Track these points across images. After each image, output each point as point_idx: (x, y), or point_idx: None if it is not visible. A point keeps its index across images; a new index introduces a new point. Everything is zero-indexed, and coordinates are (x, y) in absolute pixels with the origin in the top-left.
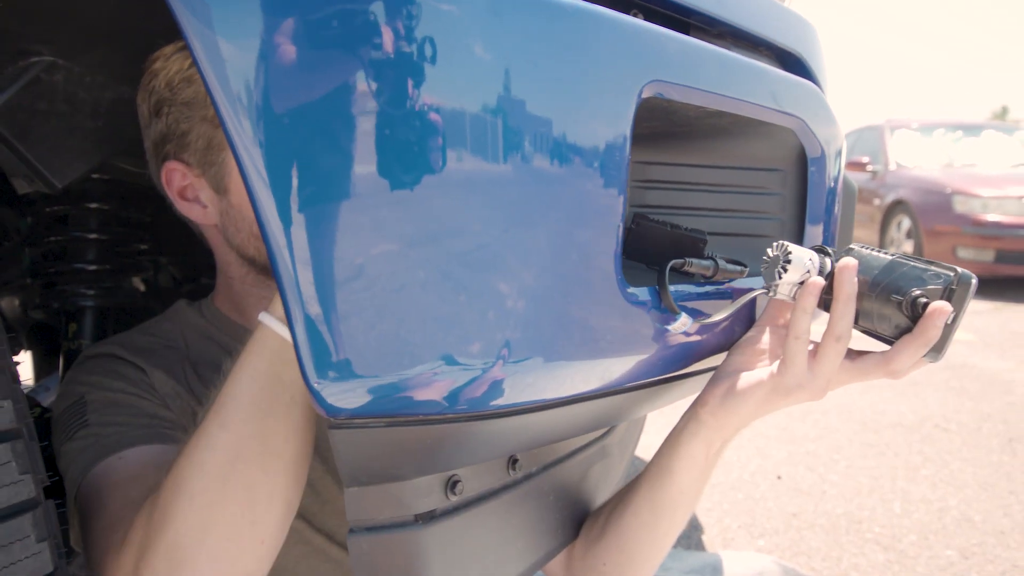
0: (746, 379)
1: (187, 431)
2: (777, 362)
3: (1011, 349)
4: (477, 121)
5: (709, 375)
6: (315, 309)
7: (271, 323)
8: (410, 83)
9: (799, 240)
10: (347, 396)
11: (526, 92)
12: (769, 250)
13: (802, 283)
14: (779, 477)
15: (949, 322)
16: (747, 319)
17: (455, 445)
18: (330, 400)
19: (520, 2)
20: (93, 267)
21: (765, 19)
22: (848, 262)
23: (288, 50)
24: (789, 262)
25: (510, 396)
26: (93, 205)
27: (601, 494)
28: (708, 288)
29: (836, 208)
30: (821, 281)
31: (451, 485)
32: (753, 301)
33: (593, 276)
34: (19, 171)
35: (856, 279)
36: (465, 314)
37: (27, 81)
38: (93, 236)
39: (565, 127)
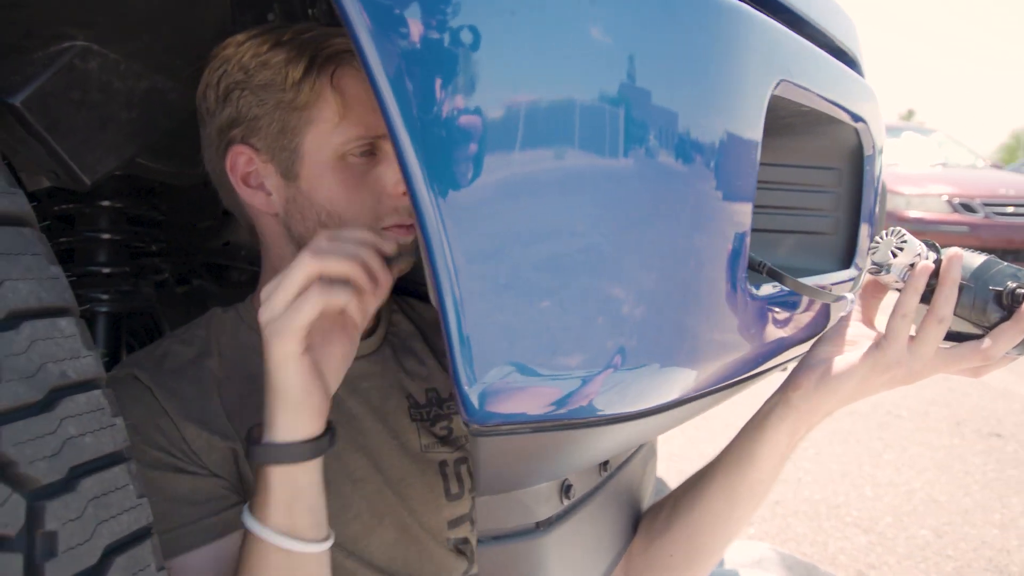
0: (843, 360)
1: (226, 479)
2: (873, 343)
3: None
4: (634, 122)
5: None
6: (472, 319)
7: (268, 536)
8: (579, 84)
9: (855, 236)
10: (498, 403)
11: (677, 91)
12: (883, 233)
13: (911, 266)
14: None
15: None
16: (827, 314)
17: (590, 448)
18: (482, 407)
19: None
20: (107, 270)
21: (835, 19)
22: (956, 251)
23: (450, 53)
24: (903, 245)
25: (651, 398)
26: (105, 203)
27: (647, 492)
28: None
29: (878, 207)
30: (931, 265)
31: (566, 489)
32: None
33: (726, 277)
34: (46, 165)
35: (960, 269)
36: (614, 321)
37: (60, 67)
38: (107, 236)
39: (709, 127)
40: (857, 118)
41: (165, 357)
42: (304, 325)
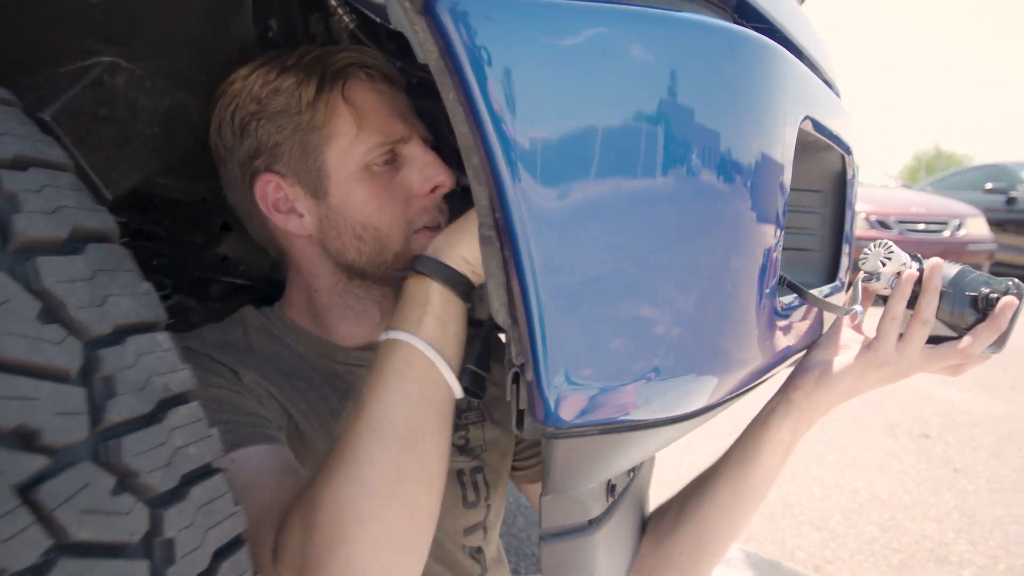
0: (839, 361)
1: (282, 430)
2: (865, 344)
3: None
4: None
5: None
6: (552, 335)
7: (420, 345)
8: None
9: (839, 253)
10: (571, 408)
11: (734, 125)
12: (871, 245)
13: (898, 275)
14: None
15: (1013, 320)
16: (821, 322)
17: (643, 447)
18: (557, 411)
19: (740, 40)
20: None
21: (824, 54)
22: (938, 261)
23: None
24: (891, 255)
25: (697, 402)
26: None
27: (647, 493)
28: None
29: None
30: (916, 273)
31: (611, 489)
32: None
33: (761, 291)
34: None
35: (940, 276)
36: (673, 335)
37: (88, 83)
38: None
39: (755, 156)
40: (844, 147)
41: (211, 340)
42: None
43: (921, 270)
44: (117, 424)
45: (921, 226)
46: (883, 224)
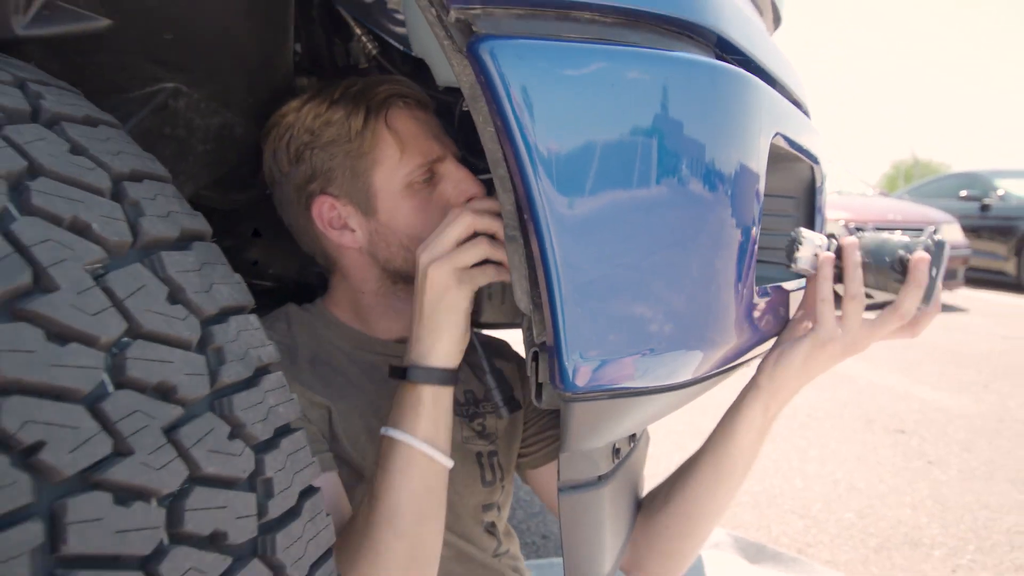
0: (791, 343)
1: (319, 429)
2: (815, 325)
3: None
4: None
5: None
6: (570, 311)
7: (417, 444)
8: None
9: None
10: (587, 375)
11: (720, 143)
12: (789, 235)
13: (817, 256)
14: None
15: (933, 274)
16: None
17: (649, 411)
18: (574, 379)
19: (720, 72)
20: None
21: (794, 78)
22: (850, 239)
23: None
24: (801, 242)
25: (689, 373)
26: None
27: (643, 477)
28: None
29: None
30: (831, 255)
31: (616, 451)
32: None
33: (747, 279)
34: None
35: (858, 252)
36: (674, 312)
37: (155, 106)
38: None
39: (737, 168)
40: (813, 158)
41: None
42: (466, 265)
43: (839, 248)
44: (228, 385)
45: (898, 232)
46: (861, 231)
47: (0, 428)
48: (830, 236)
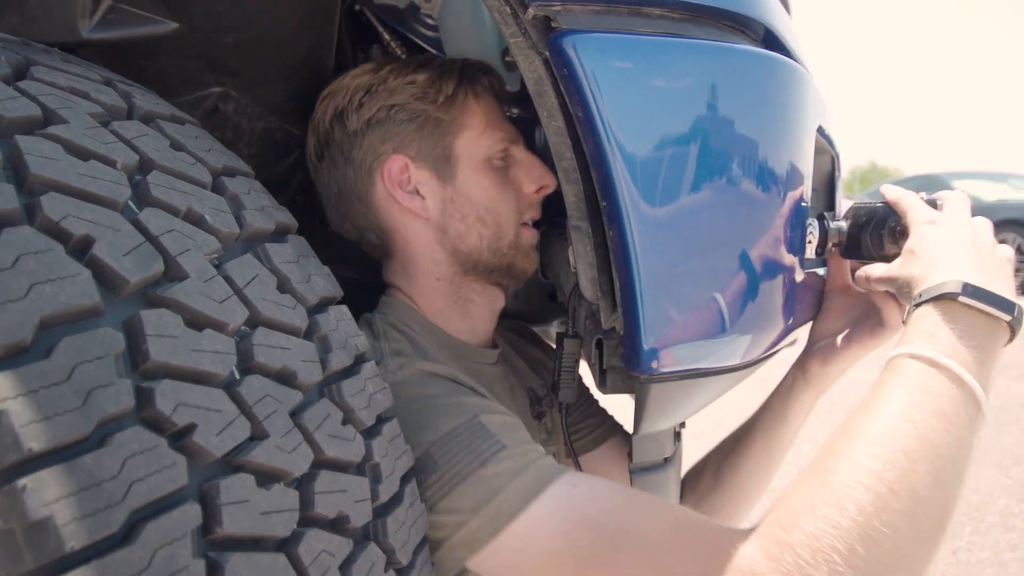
0: (839, 341)
1: None
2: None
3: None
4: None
5: None
6: (649, 301)
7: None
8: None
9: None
10: (662, 358)
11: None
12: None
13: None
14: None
15: None
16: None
17: (711, 391)
18: (651, 362)
19: (786, 67)
20: None
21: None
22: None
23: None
24: (831, 229)
25: (748, 355)
26: None
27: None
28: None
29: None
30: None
31: (677, 435)
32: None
33: (799, 264)
34: None
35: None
36: (733, 302)
37: (207, 110)
38: None
39: (799, 161)
40: (835, 149)
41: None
42: None
43: (825, 230)
44: (337, 372)
45: None
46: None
47: (156, 411)
48: (819, 217)
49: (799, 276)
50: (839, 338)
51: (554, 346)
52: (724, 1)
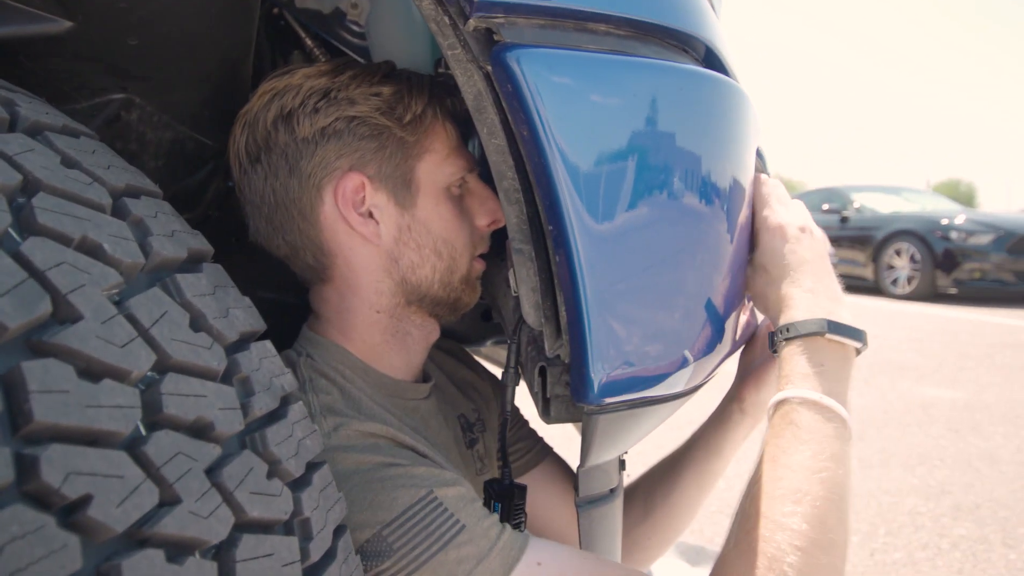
0: (767, 366)
1: None
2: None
3: None
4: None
5: None
6: (600, 321)
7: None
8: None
9: None
10: (612, 387)
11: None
12: None
13: None
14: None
15: None
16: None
17: (655, 419)
18: (599, 393)
19: (729, 87)
20: None
21: None
22: None
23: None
24: None
25: (692, 381)
26: None
27: None
28: None
29: None
30: None
31: (622, 464)
32: None
33: (742, 287)
34: None
35: None
36: (680, 328)
37: (107, 118)
38: None
39: (742, 181)
40: (766, 167)
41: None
42: None
43: None
44: (260, 417)
45: None
46: None
47: (42, 482)
48: None
49: (741, 299)
50: (768, 363)
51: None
52: (669, 19)
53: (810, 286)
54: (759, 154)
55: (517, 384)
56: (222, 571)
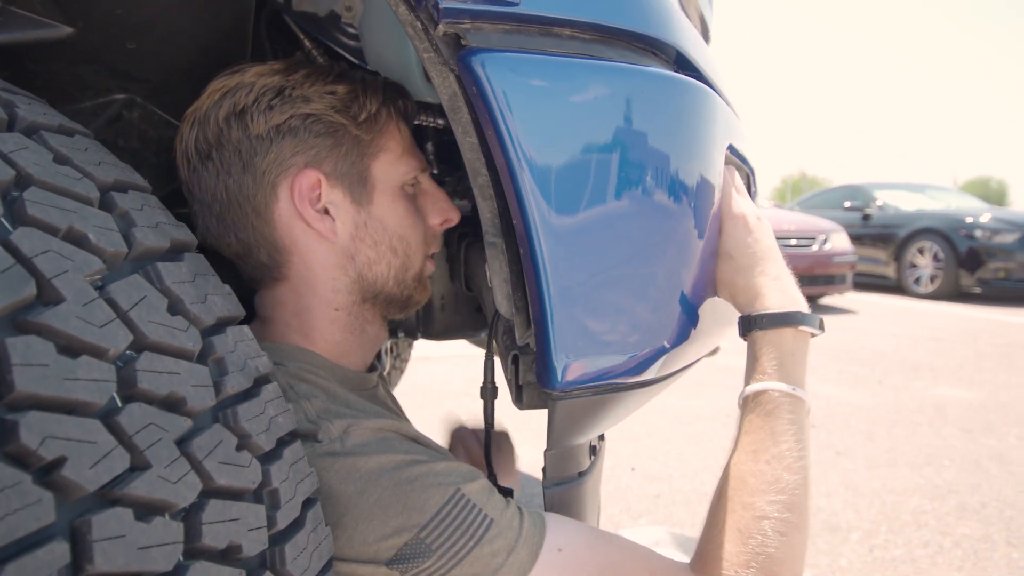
0: None
1: None
2: None
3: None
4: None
5: None
6: (560, 318)
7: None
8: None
9: None
10: (574, 374)
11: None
12: None
13: None
14: (633, 469)
15: None
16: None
17: (625, 406)
18: (562, 378)
19: (693, 88)
20: None
21: (730, 90)
22: None
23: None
24: None
25: (660, 371)
26: None
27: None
28: None
29: None
30: None
31: (592, 449)
32: None
33: (705, 288)
34: None
35: None
36: (649, 309)
37: (110, 117)
38: None
39: (707, 178)
40: (750, 167)
41: (353, 408)
42: None
43: None
44: (232, 395)
45: (793, 241)
46: None
47: (21, 445)
48: None
49: (711, 293)
50: None
51: None
52: (632, 24)
53: (775, 274)
54: (734, 151)
55: (495, 397)
56: (188, 532)
